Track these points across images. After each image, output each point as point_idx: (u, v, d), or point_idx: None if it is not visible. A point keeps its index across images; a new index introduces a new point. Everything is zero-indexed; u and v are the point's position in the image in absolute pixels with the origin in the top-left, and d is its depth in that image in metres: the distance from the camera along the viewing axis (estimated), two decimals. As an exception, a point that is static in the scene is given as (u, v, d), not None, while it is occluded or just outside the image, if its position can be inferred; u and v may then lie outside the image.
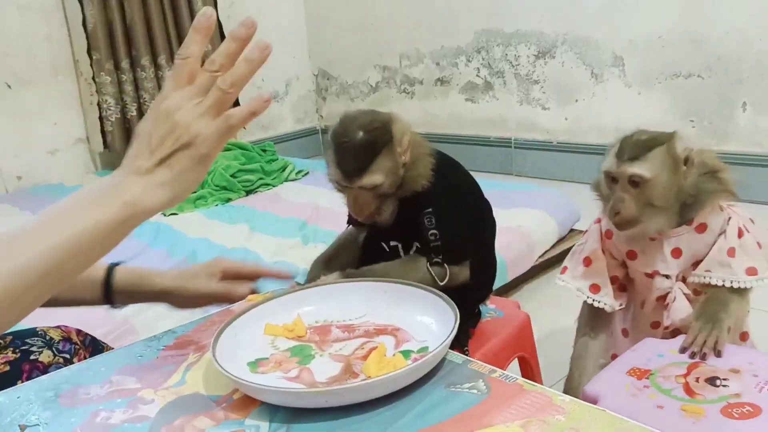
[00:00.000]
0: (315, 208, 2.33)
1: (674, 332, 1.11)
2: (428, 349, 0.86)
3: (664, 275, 1.14)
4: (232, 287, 1.06)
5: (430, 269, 1.04)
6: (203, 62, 0.67)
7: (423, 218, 1.03)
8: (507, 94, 3.14)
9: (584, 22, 2.80)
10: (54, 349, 1.01)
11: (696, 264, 1.13)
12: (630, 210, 1.05)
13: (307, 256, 1.84)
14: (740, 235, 1.09)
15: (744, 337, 1.18)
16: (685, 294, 1.12)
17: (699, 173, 1.07)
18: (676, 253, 1.12)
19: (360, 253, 1.20)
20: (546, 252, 1.94)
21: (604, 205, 1.14)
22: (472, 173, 1.15)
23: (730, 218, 1.11)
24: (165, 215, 2.38)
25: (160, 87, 3.17)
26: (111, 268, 1.05)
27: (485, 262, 1.23)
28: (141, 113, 3.14)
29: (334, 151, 1.01)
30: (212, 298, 1.03)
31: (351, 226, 1.23)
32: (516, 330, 1.19)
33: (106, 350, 1.11)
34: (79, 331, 1.08)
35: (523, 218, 1.94)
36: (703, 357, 0.98)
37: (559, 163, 3.01)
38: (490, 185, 1.77)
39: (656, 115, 2.69)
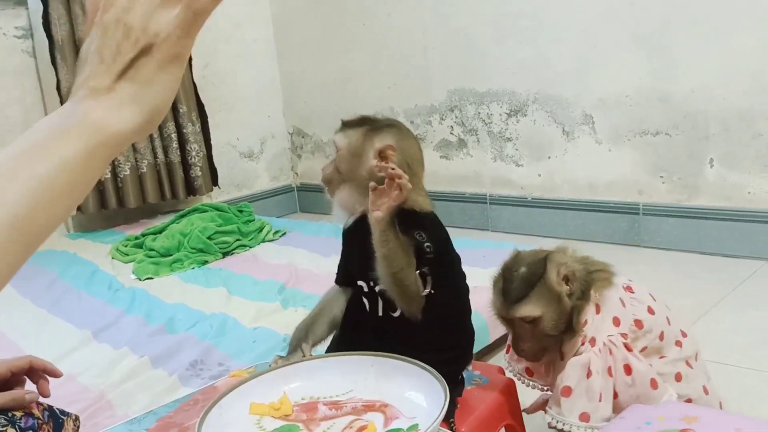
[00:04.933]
0: (293, 269, 2.32)
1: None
2: (418, 427, 0.85)
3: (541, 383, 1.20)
4: (17, 395, 0.99)
5: (417, 277, 1.07)
6: None
7: (415, 236, 1.08)
8: (481, 151, 3.19)
9: (554, 82, 2.87)
10: (17, 426, 0.98)
11: None
12: (532, 346, 1.10)
13: (287, 320, 1.82)
14: (588, 375, 1.06)
15: (688, 400, 1.17)
16: None
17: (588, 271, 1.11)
18: (547, 368, 1.17)
19: (343, 316, 1.20)
20: (526, 311, 1.94)
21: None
22: (448, 228, 1.18)
23: (579, 352, 1.09)
24: (140, 280, 2.35)
25: (134, 149, 3.16)
26: None
27: (464, 328, 1.24)
28: (115, 175, 3.12)
29: None
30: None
31: (336, 284, 1.24)
32: (502, 397, 1.18)
33: (68, 421, 1.08)
34: (39, 404, 1.05)
35: (502, 277, 1.94)
36: None
37: (534, 218, 3.04)
38: (467, 244, 1.79)
39: (627, 171, 2.74)
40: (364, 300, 1.12)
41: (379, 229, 1.03)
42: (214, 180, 3.48)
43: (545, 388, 1.22)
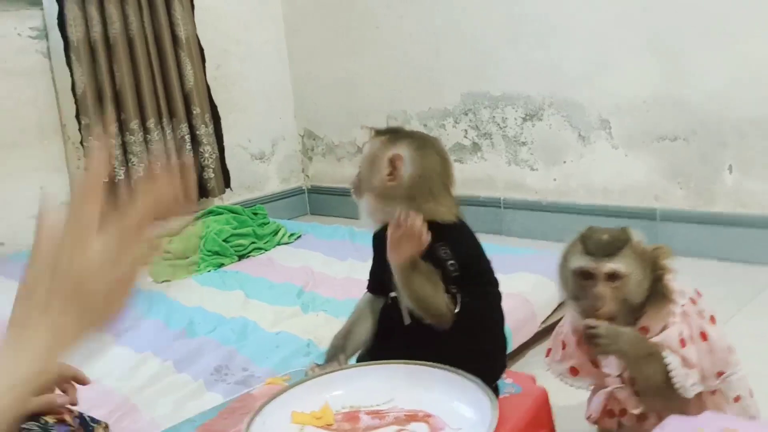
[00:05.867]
0: (310, 273, 2.31)
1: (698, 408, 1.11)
2: (464, 438, 0.84)
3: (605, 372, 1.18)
4: (49, 398, 0.97)
5: (446, 299, 1.07)
6: None
7: (439, 251, 1.08)
8: (495, 155, 3.18)
9: (569, 86, 2.86)
10: None
11: None
12: (611, 306, 1.08)
13: (308, 324, 1.81)
14: (683, 344, 1.09)
15: (737, 399, 1.18)
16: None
17: (652, 272, 1.12)
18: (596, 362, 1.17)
19: (378, 326, 1.19)
20: (548, 317, 1.93)
21: (574, 304, 1.17)
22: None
23: (666, 326, 1.11)
24: (157, 282, 2.34)
25: (149, 150, 3.16)
26: None
27: (496, 335, 1.23)
28: (129, 177, 3.12)
29: None
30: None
31: (370, 292, 1.24)
32: (535, 407, 1.17)
33: (98, 429, 1.07)
34: (70, 411, 1.05)
35: (523, 283, 1.93)
36: None
37: (549, 223, 3.03)
38: (485, 249, 1.78)
39: (643, 177, 2.73)
40: (402, 309, 1.12)
41: (399, 272, 1.03)
42: (227, 182, 3.47)
43: (589, 387, 1.21)
